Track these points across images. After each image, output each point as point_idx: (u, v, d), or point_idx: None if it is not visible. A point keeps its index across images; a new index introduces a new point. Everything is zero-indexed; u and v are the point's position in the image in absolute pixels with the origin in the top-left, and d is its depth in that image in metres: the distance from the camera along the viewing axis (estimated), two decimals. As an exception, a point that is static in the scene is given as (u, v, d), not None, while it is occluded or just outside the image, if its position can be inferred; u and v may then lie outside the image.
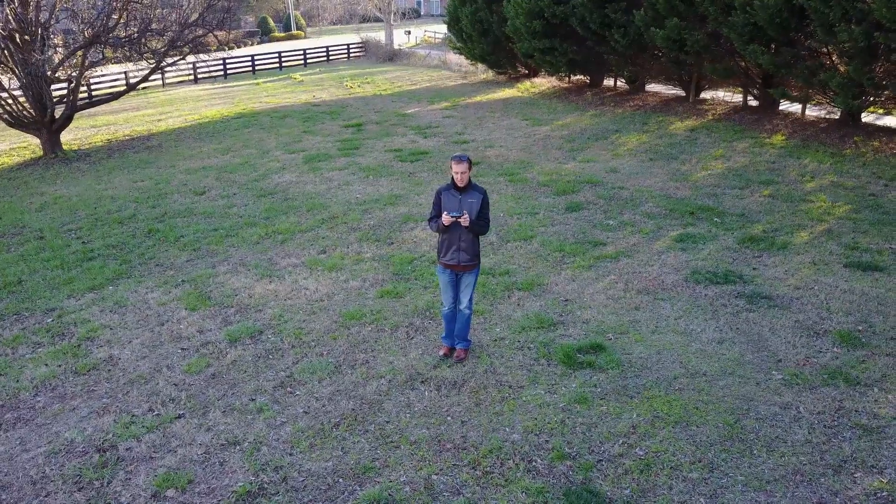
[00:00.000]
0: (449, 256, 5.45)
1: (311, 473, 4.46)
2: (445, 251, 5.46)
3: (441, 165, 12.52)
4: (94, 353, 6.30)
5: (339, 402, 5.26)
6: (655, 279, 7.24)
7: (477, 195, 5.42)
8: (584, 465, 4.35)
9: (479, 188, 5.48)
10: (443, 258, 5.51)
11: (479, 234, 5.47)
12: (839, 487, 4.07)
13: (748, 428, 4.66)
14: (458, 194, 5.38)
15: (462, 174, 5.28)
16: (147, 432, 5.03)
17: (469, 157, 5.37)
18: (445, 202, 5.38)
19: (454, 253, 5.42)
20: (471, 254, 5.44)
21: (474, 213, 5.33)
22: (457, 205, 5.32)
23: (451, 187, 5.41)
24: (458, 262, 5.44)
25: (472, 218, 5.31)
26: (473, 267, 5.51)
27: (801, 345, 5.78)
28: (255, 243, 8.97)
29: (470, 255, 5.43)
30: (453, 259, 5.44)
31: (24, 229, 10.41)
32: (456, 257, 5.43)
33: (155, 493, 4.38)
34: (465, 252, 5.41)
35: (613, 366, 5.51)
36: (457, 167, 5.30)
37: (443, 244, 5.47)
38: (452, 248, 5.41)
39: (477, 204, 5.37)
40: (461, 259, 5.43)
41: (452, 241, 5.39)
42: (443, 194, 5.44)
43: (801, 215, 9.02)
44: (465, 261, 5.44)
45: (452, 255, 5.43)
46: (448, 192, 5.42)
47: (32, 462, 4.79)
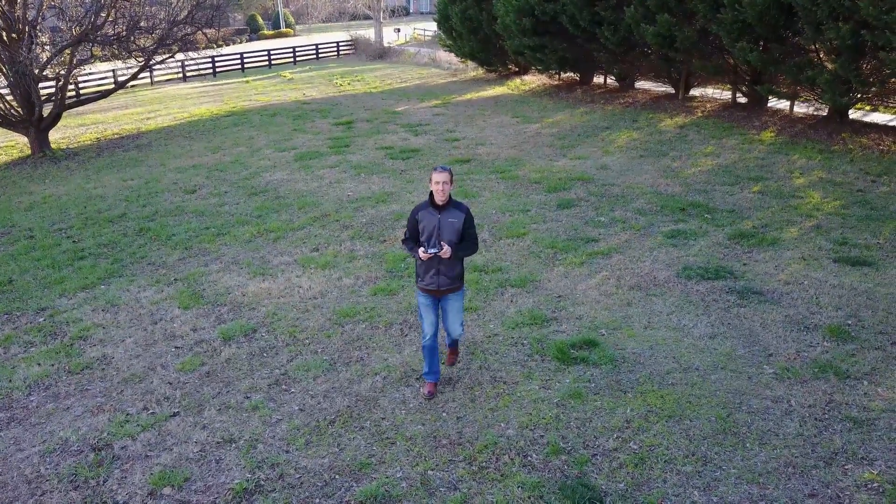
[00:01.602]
0: (427, 280, 4.95)
1: (308, 470, 4.47)
2: (423, 274, 4.96)
3: (432, 163, 12.52)
4: (88, 352, 6.27)
5: (334, 399, 5.27)
6: (647, 275, 7.29)
7: (458, 214, 4.83)
8: (579, 459, 4.39)
9: (461, 205, 4.91)
10: (420, 282, 5.01)
11: (465, 257, 5.01)
12: (830, 479, 4.13)
13: (740, 421, 4.71)
14: (436, 213, 4.80)
15: (443, 186, 4.71)
16: (142, 431, 5.02)
17: (451, 169, 4.85)
18: (423, 223, 4.84)
19: (433, 277, 4.91)
20: (451, 276, 4.93)
21: (456, 234, 4.82)
22: (435, 225, 4.79)
23: (429, 205, 4.83)
24: (437, 287, 4.94)
25: (454, 240, 4.81)
26: (457, 289, 5.02)
27: (791, 339, 5.85)
28: (247, 241, 8.96)
29: (450, 278, 4.93)
30: (432, 283, 4.94)
31: (14, 228, 10.33)
32: (435, 281, 4.92)
33: (151, 492, 4.38)
34: (445, 275, 4.91)
35: (607, 361, 5.55)
36: (437, 176, 4.73)
37: (420, 266, 4.97)
38: (431, 271, 4.90)
39: (459, 224, 4.81)
40: (441, 283, 4.93)
41: (430, 265, 4.88)
42: (419, 214, 4.86)
43: (791, 211, 9.10)
44: (445, 284, 4.94)
45: (431, 279, 4.92)
46: (425, 211, 4.84)
47: (27, 461, 4.77)
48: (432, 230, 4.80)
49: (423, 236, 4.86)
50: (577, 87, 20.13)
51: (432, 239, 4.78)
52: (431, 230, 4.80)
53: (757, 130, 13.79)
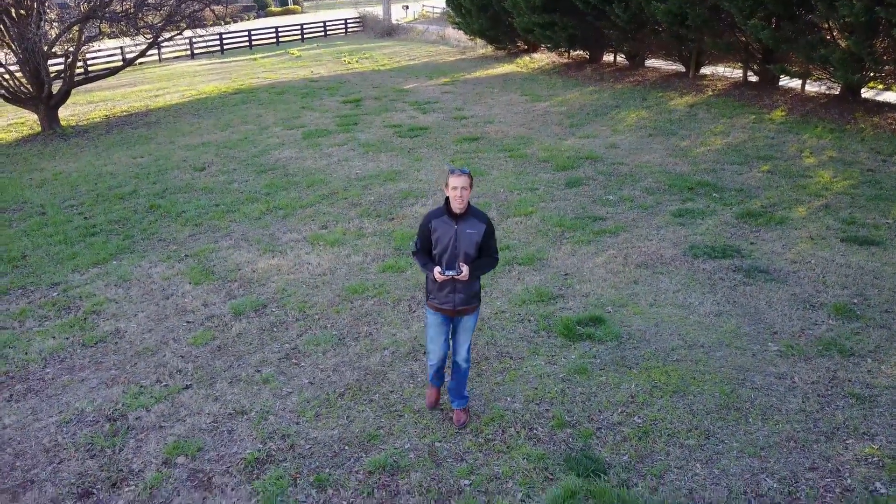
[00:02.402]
0: (442, 299, 4.32)
1: (318, 441, 4.57)
2: (436, 291, 4.33)
3: (440, 141, 12.52)
4: (101, 326, 6.39)
5: (343, 373, 5.36)
6: (654, 253, 7.31)
7: (478, 225, 4.21)
8: (583, 432, 4.47)
9: (482, 214, 4.27)
10: (432, 299, 4.37)
11: (484, 274, 4.44)
12: (831, 453, 4.19)
13: (744, 397, 4.77)
14: (453, 223, 4.17)
15: (461, 192, 4.05)
16: (156, 402, 5.13)
17: (470, 171, 4.21)
18: (438, 233, 4.21)
19: (448, 295, 4.29)
20: (469, 294, 4.31)
21: (474, 248, 4.20)
22: (451, 237, 4.17)
23: (445, 213, 4.20)
24: (453, 307, 4.32)
25: (472, 255, 4.21)
26: (473, 309, 4.40)
27: (796, 317, 5.88)
28: (256, 219, 9.03)
29: (468, 296, 4.32)
30: (447, 302, 4.32)
31: (26, 205, 10.44)
32: (451, 300, 4.30)
33: (166, 461, 4.50)
34: (462, 293, 4.29)
35: (612, 338, 5.61)
36: (455, 181, 4.05)
37: (432, 282, 4.32)
38: (446, 289, 4.27)
39: (478, 236, 4.19)
40: (457, 302, 4.31)
41: (446, 281, 4.26)
42: (433, 223, 4.22)
43: (800, 191, 9.07)
44: (461, 303, 4.31)
45: (446, 297, 4.30)
46: (440, 221, 4.20)
47: (44, 431, 4.90)
48: (448, 243, 4.18)
49: (436, 249, 4.24)
50: (586, 66, 19.95)
51: (447, 253, 4.18)
52: (447, 243, 4.18)
53: (768, 109, 13.67)
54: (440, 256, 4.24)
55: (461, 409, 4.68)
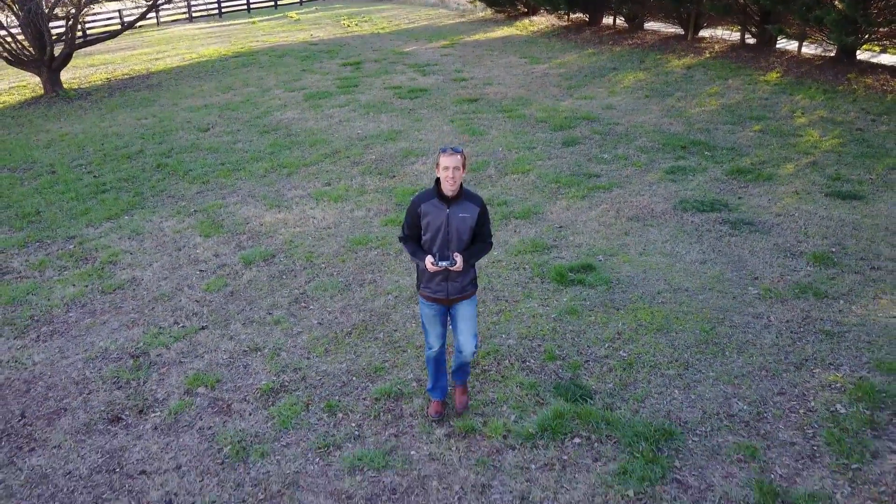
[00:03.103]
0: (434, 288, 4.02)
1: (328, 373, 4.95)
2: (426, 280, 4.03)
3: (440, 102, 12.71)
4: (118, 274, 6.73)
5: (350, 314, 5.72)
6: (645, 207, 7.62)
7: (472, 207, 3.91)
8: (572, 364, 4.84)
9: (475, 197, 3.97)
10: (424, 288, 4.07)
11: (478, 260, 4.15)
12: (799, 381, 4.57)
13: (722, 334, 5.14)
14: (444, 207, 3.87)
15: (453, 173, 3.76)
16: (175, 341, 5.50)
17: (463, 150, 3.85)
18: (428, 218, 3.90)
19: (440, 283, 3.99)
20: (463, 282, 4.03)
21: (468, 233, 3.91)
22: (443, 222, 3.86)
23: (435, 195, 3.89)
24: (446, 296, 4.03)
25: (466, 240, 3.92)
26: (469, 295, 4.11)
27: (777, 264, 6.22)
28: (261, 176, 9.30)
29: (462, 285, 4.03)
30: (439, 291, 4.01)
31: (35, 165, 10.70)
32: (443, 288, 4.00)
33: (187, 391, 4.88)
34: (456, 281, 4.00)
35: (602, 283, 5.96)
36: (447, 160, 3.75)
37: (423, 271, 4.02)
38: (437, 277, 3.98)
39: (472, 220, 3.90)
40: (450, 291, 4.01)
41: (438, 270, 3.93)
42: (423, 206, 3.90)
43: (790, 149, 9.34)
44: (455, 292, 4.03)
45: (439, 285, 4.00)
46: (430, 204, 3.89)
47: (73, 367, 5.27)
48: (439, 228, 3.89)
49: (426, 235, 3.95)
50: (585, 28, 19.95)
51: (438, 239, 3.89)
52: (438, 228, 3.89)
53: (763, 71, 13.83)
54: (431, 243, 3.93)
55: (463, 387, 4.49)
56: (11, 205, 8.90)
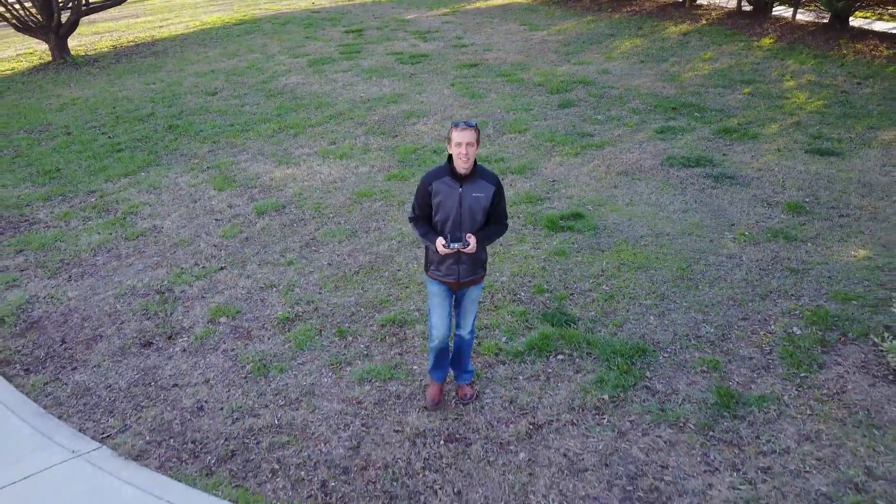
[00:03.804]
0: (444, 271, 3.86)
1: (338, 305, 5.46)
2: (438, 262, 3.86)
3: (441, 67, 13.05)
4: (140, 223, 7.21)
5: (357, 256, 6.21)
6: (634, 163, 8.06)
7: (486, 186, 3.69)
8: (559, 296, 5.34)
9: (490, 175, 3.75)
10: (433, 271, 3.91)
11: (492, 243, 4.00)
12: (762, 308, 5.07)
13: (697, 271, 5.63)
14: (457, 186, 3.66)
15: (467, 149, 3.53)
16: (196, 280, 6.00)
17: (477, 124, 3.71)
18: (440, 197, 3.69)
19: (452, 266, 3.83)
20: (475, 264, 3.87)
21: (482, 213, 3.71)
22: (456, 202, 3.66)
23: (447, 173, 3.68)
24: (457, 279, 3.87)
25: (480, 221, 3.74)
26: (479, 280, 3.95)
27: (753, 213, 6.69)
28: (269, 136, 9.73)
29: (473, 267, 3.87)
30: (450, 274, 3.85)
31: (50, 126, 11.11)
32: (455, 272, 3.84)
33: (210, 320, 5.39)
34: (467, 264, 3.83)
35: (590, 229, 6.43)
36: (459, 135, 3.52)
37: (434, 252, 3.84)
38: (449, 259, 3.81)
39: (486, 200, 3.69)
40: (461, 274, 3.85)
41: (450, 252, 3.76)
42: (434, 185, 3.69)
43: (776, 110, 9.73)
44: (467, 275, 3.86)
45: (450, 268, 3.83)
46: (442, 182, 3.68)
47: (104, 302, 5.78)
48: (452, 208, 3.68)
49: (438, 215, 3.75)
50: (585, -4, 20.11)
51: (450, 220, 3.69)
52: (451, 209, 3.68)
53: (757, 37, 14.12)
54: (443, 224, 3.73)
55: (467, 385, 4.30)
56: (32, 163, 9.34)
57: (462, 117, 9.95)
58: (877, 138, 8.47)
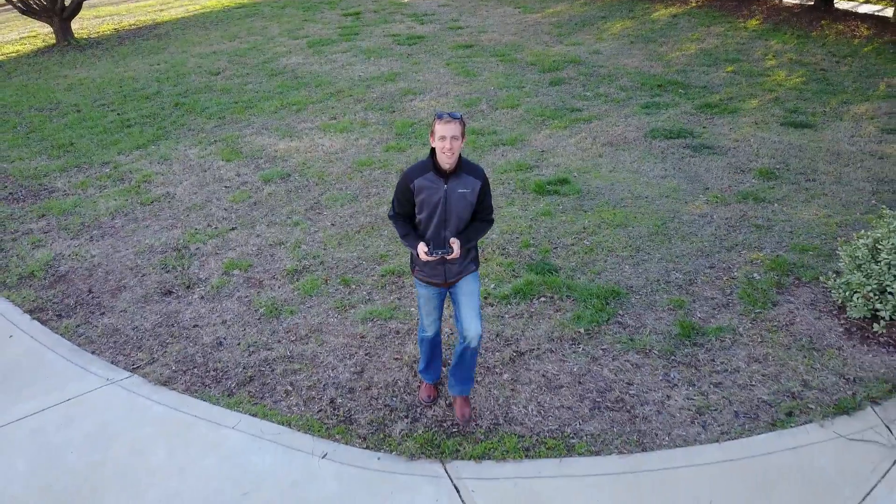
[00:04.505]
0: (430, 272, 3.61)
1: (342, 259, 5.95)
2: (422, 264, 3.62)
3: (437, 48, 13.47)
4: (153, 191, 7.68)
5: (358, 218, 6.70)
6: (619, 135, 8.54)
7: (473, 182, 3.44)
8: (543, 249, 5.85)
9: (475, 169, 3.49)
10: (419, 271, 3.68)
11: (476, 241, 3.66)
12: (727, 258, 5.58)
13: (671, 227, 6.13)
14: (441, 182, 3.40)
15: (451, 143, 3.27)
16: (210, 238, 6.49)
17: (462, 116, 3.40)
18: (423, 195, 3.42)
19: (437, 267, 3.58)
20: (463, 262, 3.63)
21: (468, 210, 3.47)
22: (440, 200, 3.40)
23: (430, 168, 3.41)
24: (444, 279, 3.63)
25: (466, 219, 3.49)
26: (470, 272, 3.70)
27: (727, 178, 7.18)
28: (273, 112, 10.18)
29: (461, 265, 3.62)
30: (437, 275, 3.61)
31: (60, 104, 11.53)
32: (441, 272, 3.59)
33: (225, 272, 5.88)
34: (455, 264, 3.60)
35: (574, 192, 6.92)
36: (443, 129, 3.26)
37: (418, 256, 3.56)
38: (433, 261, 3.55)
39: (472, 196, 3.44)
40: (449, 274, 3.61)
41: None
42: (416, 182, 3.42)
43: (756, 87, 10.20)
44: (455, 274, 3.63)
45: (435, 269, 3.59)
46: (425, 179, 3.41)
47: (125, 258, 6.27)
48: (436, 206, 3.41)
49: (421, 214, 3.48)
50: (579, -21, 20.46)
51: (435, 219, 3.44)
52: (434, 207, 3.42)
53: (744, 19, 14.55)
54: (426, 223, 3.48)
55: (465, 398, 3.95)
56: (46, 138, 9.79)
57: (457, 95, 10.41)
58: (849, 112, 8.96)
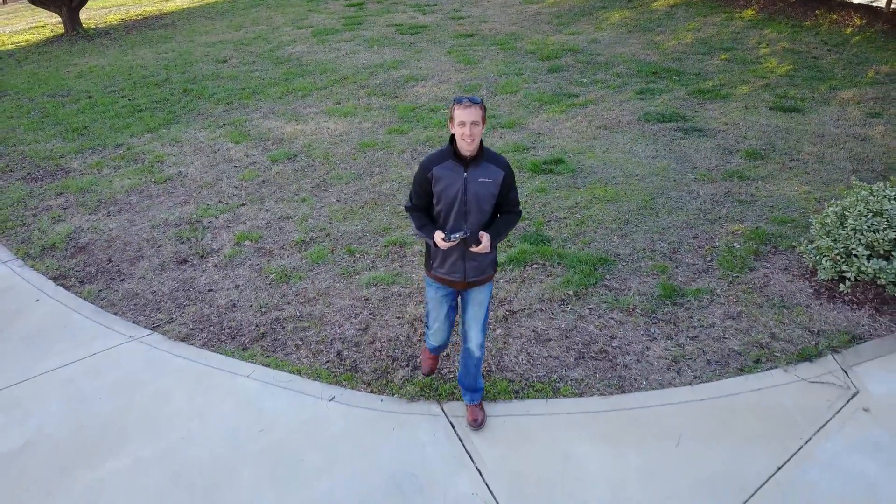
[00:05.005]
0: (449, 268, 3.40)
1: (347, 231, 6.30)
2: (441, 260, 3.40)
3: (439, 37, 13.78)
4: (166, 170, 8.02)
5: (362, 195, 7.04)
6: (614, 119, 8.86)
7: (495, 171, 3.26)
8: (537, 222, 6.18)
9: (499, 158, 3.33)
10: (437, 269, 3.45)
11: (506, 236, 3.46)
12: (710, 230, 5.91)
13: (659, 203, 6.46)
14: (461, 170, 3.23)
15: (471, 129, 3.11)
16: (221, 213, 6.83)
17: (482, 100, 3.17)
18: (441, 184, 3.24)
19: (457, 263, 3.37)
20: (485, 263, 3.41)
21: (490, 201, 3.25)
22: (459, 189, 3.21)
23: (450, 156, 3.25)
24: (463, 278, 3.41)
25: (488, 211, 3.29)
26: (487, 280, 3.48)
27: (715, 158, 7.50)
28: (279, 98, 10.51)
29: (483, 264, 3.41)
30: (455, 272, 3.39)
31: (72, 91, 11.87)
32: (461, 269, 3.38)
33: (236, 243, 6.23)
34: (476, 260, 3.37)
35: (569, 171, 7.25)
36: (463, 114, 3.11)
37: (435, 248, 3.36)
38: (454, 254, 3.36)
39: (495, 186, 3.25)
40: (469, 272, 3.39)
41: (454, 246, 3.32)
42: (435, 170, 3.25)
43: (748, 74, 10.50)
44: (474, 275, 3.40)
45: (454, 265, 3.38)
46: (444, 167, 3.24)
47: (142, 230, 6.62)
48: (455, 196, 3.23)
49: (439, 205, 3.30)
50: (579, -29, 20.70)
51: (454, 209, 3.23)
52: (454, 196, 3.23)
53: (741, 9, 14.82)
54: (445, 215, 3.28)
55: (476, 405, 3.76)
56: (59, 122, 10.13)
57: (458, 81, 10.72)
58: (836, 97, 9.27)
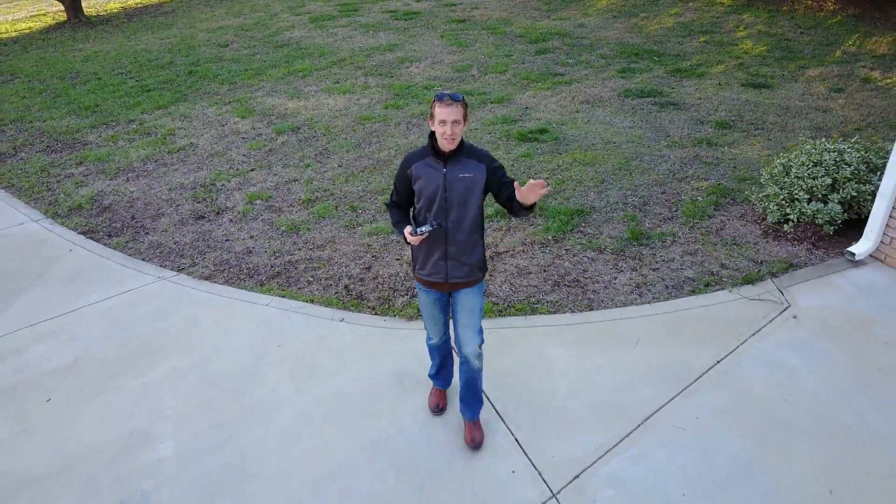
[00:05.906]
0: (430, 269, 3.28)
1: (349, 192, 6.91)
2: (423, 261, 3.30)
3: (432, 22, 14.36)
4: (178, 142, 8.61)
5: (362, 161, 7.65)
6: (596, 95, 9.49)
7: (476, 166, 3.13)
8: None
9: (482, 153, 3.19)
10: (419, 270, 3.34)
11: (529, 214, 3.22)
12: (677, 186, 6.55)
13: (633, 165, 7.10)
14: (440, 166, 3.13)
15: (451, 128, 3.00)
16: (233, 177, 7.43)
17: (464, 97, 3.07)
18: (422, 181, 3.15)
19: (438, 263, 3.25)
20: (468, 262, 3.26)
21: (475, 197, 3.15)
22: (439, 185, 3.11)
23: (430, 153, 3.16)
24: (445, 278, 3.28)
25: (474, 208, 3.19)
26: (476, 281, 3.33)
27: (687, 128, 8.14)
28: (280, 78, 11.08)
29: (467, 266, 3.26)
30: (437, 273, 3.27)
31: (80, 73, 12.39)
32: (442, 269, 3.25)
33: (248, 202, 6.84)
34: (457, 260, 3.24)
35: (552, 139, 7.88)
36: (443, 111, 2.99)
37: (416, 248, 3.30)
38: (434, 254, 3.24)
39: (480, 180, 3.13)
40: (451, 272, 3.26)
41: (433, 245, 3.22)
42: (415, 167, 3.17)
43: (725, 55, 11.14)
44: (457, 275, 3.27)
45: (436, 266, 3.26)
46: (423, 164, 3.16)
47: (160, 193, 7.22)
48: (435, 192, 3.13)
49: (420, 202, 3.20)
50: (568, -40, 21.29)
51: (434, 206, 3.14)
52: (434, 192, 3.13)
53: (721, -5, 15.46)
54: (426, 210, 3.18)
55: (474, 423, 3.63)
56: (72, 101, 10.68)
57: (450, 62, 11.32)
58: (804, 75, 9.92)
